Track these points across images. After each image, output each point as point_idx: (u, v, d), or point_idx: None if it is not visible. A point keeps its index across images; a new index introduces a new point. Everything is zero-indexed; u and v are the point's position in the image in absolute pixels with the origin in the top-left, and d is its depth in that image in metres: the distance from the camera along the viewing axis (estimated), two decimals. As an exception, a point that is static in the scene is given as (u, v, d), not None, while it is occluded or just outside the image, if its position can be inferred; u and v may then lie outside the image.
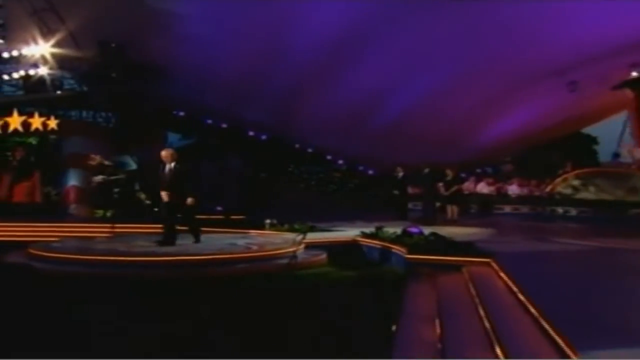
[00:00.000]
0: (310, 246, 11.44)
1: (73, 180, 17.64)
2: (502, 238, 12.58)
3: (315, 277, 9.63)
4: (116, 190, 16.97)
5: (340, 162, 22.25)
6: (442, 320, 6.09)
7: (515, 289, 6.61)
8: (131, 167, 19.23)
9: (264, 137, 21.14)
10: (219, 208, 17.08)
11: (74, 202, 17.44)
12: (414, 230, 11.66)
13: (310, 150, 21.88)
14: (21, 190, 18.02)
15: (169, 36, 17.88)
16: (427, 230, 11.60)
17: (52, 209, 17.34)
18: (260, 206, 18.84)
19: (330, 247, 11.73)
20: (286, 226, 13.83)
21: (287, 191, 20.82)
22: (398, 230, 11.92)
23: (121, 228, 13.92)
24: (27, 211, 17.01)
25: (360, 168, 22.05)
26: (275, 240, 11.88)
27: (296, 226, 13.62)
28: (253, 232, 13.80)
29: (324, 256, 11.09)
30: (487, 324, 5.64)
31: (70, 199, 17.57)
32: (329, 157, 22.11)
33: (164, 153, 11.14)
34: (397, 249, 10.77)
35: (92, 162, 17.27)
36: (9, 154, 18.34)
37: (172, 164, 11.05)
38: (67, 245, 11.25)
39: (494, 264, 8.44)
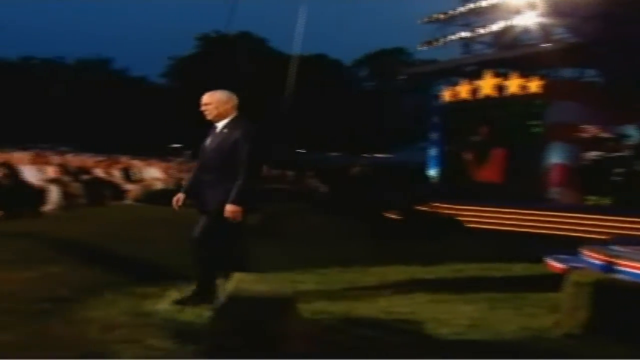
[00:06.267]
0: None
1: (558, 157, 13.66)
2: None
3: None
4: (617, 171, 13.27)
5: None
6: None
7: None
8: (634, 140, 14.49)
9: None
10: None
11: (559, 184, 13.51)
12: None
13: None
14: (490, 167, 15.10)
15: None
16: None
17: (522, 192, 13.46)
18: None
19: None
20: None
21: None
22: None
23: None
24: (490, 193, 13.82)
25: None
26: None
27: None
28: None
29: None
30: None
31: (555, 181, 13.64)
32: None
33: (205, 98, 4.78)
34: None
35: (585, 135, 13.21)
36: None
37: (223, 124, 4.76)
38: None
39: None
